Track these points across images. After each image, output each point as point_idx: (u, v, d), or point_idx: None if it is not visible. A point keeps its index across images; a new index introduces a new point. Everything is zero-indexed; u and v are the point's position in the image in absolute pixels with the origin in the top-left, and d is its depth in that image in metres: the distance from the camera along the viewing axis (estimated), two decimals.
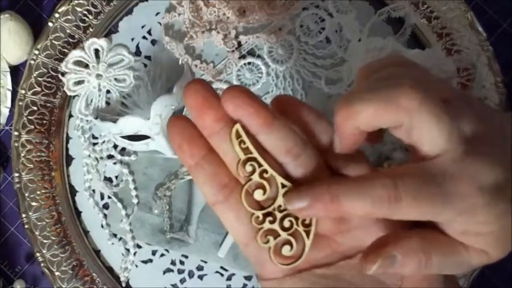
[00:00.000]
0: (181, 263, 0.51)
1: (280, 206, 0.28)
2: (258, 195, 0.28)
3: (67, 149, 0.52)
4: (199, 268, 0.51)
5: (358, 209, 0.26)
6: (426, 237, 0.27)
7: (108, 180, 0.52)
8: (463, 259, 0.27)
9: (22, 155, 0.50)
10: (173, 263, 0.51)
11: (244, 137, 0.27)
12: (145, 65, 0.52)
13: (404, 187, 0.25)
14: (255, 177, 0.28)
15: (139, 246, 0.52)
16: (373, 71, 0.29)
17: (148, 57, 0.52)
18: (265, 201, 0.28)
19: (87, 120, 0.51)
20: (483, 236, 0.27)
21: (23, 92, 0.50)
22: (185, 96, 0.27)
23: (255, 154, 0.28)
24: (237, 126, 0.27)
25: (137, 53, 0.52)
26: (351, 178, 0.27)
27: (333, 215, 0.26)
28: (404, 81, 0.26)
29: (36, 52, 0.50)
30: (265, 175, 0.28)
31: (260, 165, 0.28)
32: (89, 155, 0.51)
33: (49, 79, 0.51)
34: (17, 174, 0.50)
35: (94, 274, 0.51)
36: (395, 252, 0.27)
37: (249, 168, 0.28)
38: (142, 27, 0.52)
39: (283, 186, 0.28)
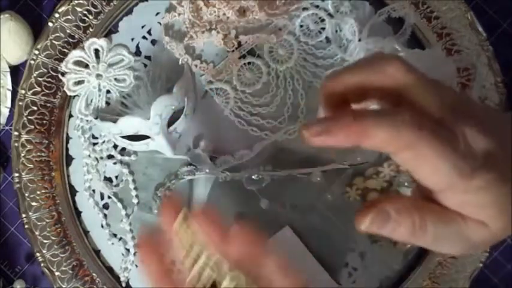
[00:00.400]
0: None
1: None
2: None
3: (67, 149, 0.52)
4: None
5: (382, 134, 0.25)
6: (421, 203, 0.27)
7: (108, 180, 0.52)
8: (460, 230, 0.27)
9: (22, 155, 0.50)
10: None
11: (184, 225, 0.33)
12: (145, 65, 0.52)
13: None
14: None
15: None
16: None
17: (148, 57, 0.52)
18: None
19: (87, 120, 0.51)
20: (482, 206, 0.26)
21: (23, 92, 0.50)
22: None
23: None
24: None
25: (137, 53, 0.52)
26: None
27: (351, 140, 0.25)
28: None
29: (36, 52, 0.50)
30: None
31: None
32: (89, 155, 0.51)
33: (49, 79, 0.51)
34: (17, 174, 0.50)
35: (94, 274, 0.51)
36: (388, 208, 0.27)
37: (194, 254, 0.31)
38: (143, 27, 0.52)
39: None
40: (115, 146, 0.51)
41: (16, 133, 0.50)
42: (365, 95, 0.28)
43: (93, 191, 0.52)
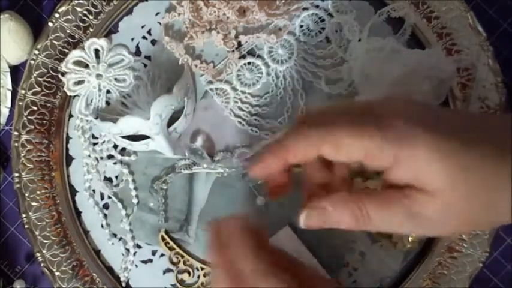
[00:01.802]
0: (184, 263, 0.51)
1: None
2: (186, 277, 0.50)
3: (67, 149, 0.52)
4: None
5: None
6: (360, 193, 0.28)
7: (108, 180, 0.52)
8: (405, 208, 0.27)
9: (22, 155, 0.50)
10: (173, 262, 0.51)
11: (168, 239, 0.50)
12: (145, 65, 0.52)
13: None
14: (181, 265, 0.50)
15: (139, 246, 0.52)
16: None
17: (148, 57, 0.52)
18: None
19: (87, 120, 0.51)
20: (427, 173, 0.27)
21: (23, 92, 0.50)
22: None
23: (178, 249, 0.50)
24: (162, 232, 0.50)
25: (137, 53, 0.52)
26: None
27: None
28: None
29: (36, 52, 0.50)
30: (187, 262, 0.50)
31: (183, 256, 0.50)
32: (89, 155, 0.51)
33: (49, 79, 0.51)
34: (17, 174, 0.50)
35: (94, 274, 0.51)
36: (324, 203, 0.28)
37: (175, 259, 0.50)
38: (143, 27, 0.52)
39: (202, 269, 0.50)
40: (115, 146, 0.51)
41: (16, 133, 0.50)
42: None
43: (93, 191, 0.52)
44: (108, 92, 0.50)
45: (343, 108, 0.30)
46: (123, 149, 0.51)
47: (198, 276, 0.51)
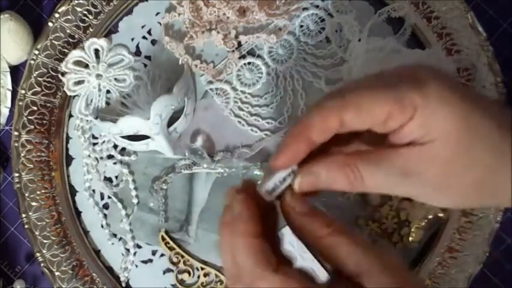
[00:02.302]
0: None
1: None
2: (186, 277, 0.50)
3: (67, 149, 0.52)
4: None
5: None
6: (352, 155, 0.28)
7: (108, 180, 0.52)
8: (395, 162, 0.27)
9: (22, 155, 0.50)
10: (173, 262, 0.51)
11: (168, 239, 0.50)
12: (145, 65, 0.52)
13: None
14: (181, 265, 0.50)
15: (139, 246, 0.52)
16: None
17: (148, 57, 0.52)
18: None
19: (87, 120, 0.51)
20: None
21: (23, 92, 0.50)
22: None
23: (178, 249, 0.50)
24: (162, 232, 0.50)
25: (137, 53, 0.52)
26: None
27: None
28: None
29: (36, 52, 0.50)
30: (187, 262, 0.50)
31: (183, 256, 0.50)
32: (89, 155, 0.51)
33: (49, 79, 0.51)
34: (17, 174, 0.50)
35: (94, 274, 0.51)
36: (317, 168, 0.28)
37: (175, 259, 0.50)
38: (143, 27, 0.52)
39: (202, 269, 0.50)
40: (115, 146, 0.51)
41: (16, 133, 0.50)
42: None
43: (93, 191, 0.52)
44: (108, 92, 0.50)
45: (356, 80, 0.30)
46: (123, 149, 0.51)
47: (198, 276, 0.51)
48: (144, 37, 0.52)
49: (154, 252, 0.52)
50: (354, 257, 0.27)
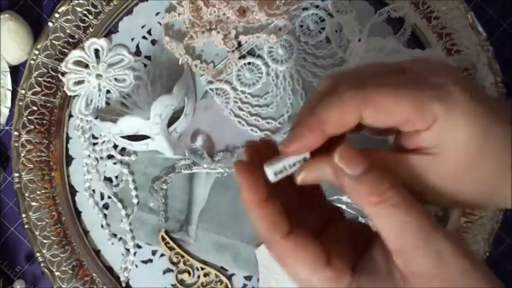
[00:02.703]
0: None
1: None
2: (186, 277, 0.51)
3: (67, 149, 0.52)
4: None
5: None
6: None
7: (108, 180, 0.52)
8: (402, 169, 0.27)
9: (22, 155, 0.50)
10: (173, 262, 0.51)
11: (168, 239, 0.50)
12: (145, 65, 0.52)
13: None
14: (181, 265, 0.50)
15: (139, 246, 0.52)
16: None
17: (148, 57, 0.52)
18: None
19: (87, 120, 0.51)
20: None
21: (23, 92, 0.50)
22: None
23: (178, 249, 0.50)
24: (162, 232, 0.50)
25: (137, 53, 0.52)
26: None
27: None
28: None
29: (36, 52, 0.50)
30: (187, 262, 0.50)
31: (183, 256, 0.50)
32: (89, 155, 0.51)
33: (49, 79, 0.51)
34: (17, 174, 0.50)
35: (94, 274, 0.51)
36: (322, 165, 0.27)
37: (175, 259, 0.50)
38: (143, 27, 0.52)
39: (202, 269, 0.50)
40: (115, 146, 0.51)
41: (16, 133, 0.50)
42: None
43: (93, 191, 0.52)
44: (108, 92, 0.50)
45: (377, 68, 0.29)
46: (123, 149, 0.51)
47: (198, 276, 0.51)
48: (144, 37, 0.52)
49: (154, 252, 0.52)
50: (397, 236, 0.25)
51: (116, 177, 0.52)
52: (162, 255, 0.52)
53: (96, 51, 0.49)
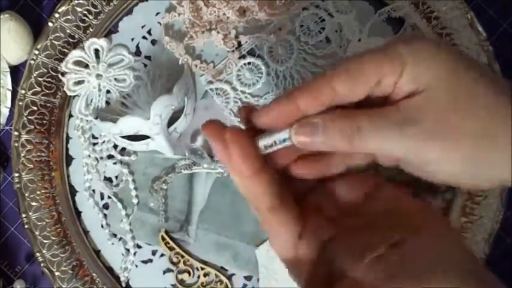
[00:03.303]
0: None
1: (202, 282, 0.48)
2: (186, 277, 0.51)
3: (67, 149, 0.52)
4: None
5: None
6: (352, 110, 0.27)
7: (108, 180, 0.52)
8: (399, 118, 0.27)
9: (22, 155, 0.50)
10: (173, 262, 0.51)
11: (168, 239, 0.50)
12: (145, 65, 0.52)
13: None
14: (181, 265, 0.50)
15: (139, 246, 0.52)
16: None
17: (148, 57, 0.52)
18: None
19: (87, 120, 0.51)
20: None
21: (23, 92, 0.50)
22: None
23: (178, 249, 0.50)
24: (162, 232, 0.50)
25: (137, 53, 0.52)
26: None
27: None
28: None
29: (36, 52, 0.50)
30: (187, 262, 0.50)
31: (183, 256, 0.50)
32: (89, 155, 0.51)
33: (49, 79, 0.51)
34: (17, 174, 0.50)
35: (94, 274, 0.51)
36: (312, 119, 0.27)
37: (175, 259, 0.51)
38: (143, 27, 0.52)
39: (202, 269, 0.50)
40: (115, 146, 0.51)
41: (16, 133, 0.50)
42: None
43: (93, 191, 0.52)
44: (108, 92, 0.50)
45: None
46: (123, 149, 0.51)
47: (198, 276, 0.51)
48: (144, 37, 0.52)
49: (154, 252, 0.52)
50: None
51: (116, 177, 0.52)
52: (162, 255, 0.52)
53: (96, 51, 0.49)
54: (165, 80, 0.50)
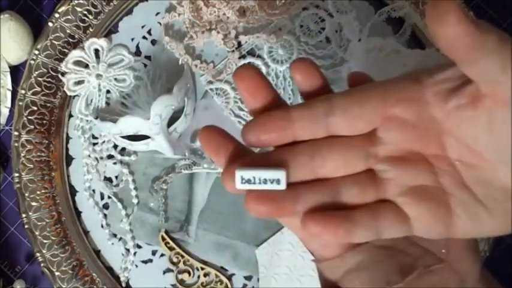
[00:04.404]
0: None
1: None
2: (186, 277, 0.51)
3: (67, 149, 0.52)
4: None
5: None
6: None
7: (108, 180, 0.52)
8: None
9: (22, 155, 0.50)
10: (173, 262, 0.51)
11: (168, 239, 0.50)
12: (145, 65, 0.52)
13: None
14: (181, 265, 0.50)
15: (139, 246, 0.52)
16: None
17: (148, 57, 0.52)
18: None
19: (87, 120, 0.51)
20: None
21: (23, 92, 0.50)
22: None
23: (178, 249, 0.50)
24: (162, 232, 0.50)
25: (137, 53, 0.52)
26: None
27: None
28: None
29: (36, 52, 0.50)
30: (187, 262, 0.50)
31: (183, 256, 0.50)
32: (89, 155, 0.51)
33: (49, 79, 0.51)
34: (17, 174, 0.50)
35: (94, 274, 0.51)
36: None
37: (175, 259, 0.50)
38: (143, 27, 0.52)
39: (202, 269, 0.50)
40: (115, 146, 0.51)
41: (16, 133, 0.50)
42: None
43: (93, 191, 0.52)
44: (108, 92, 0.50)
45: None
46: (123, 149, 0.51)
47: (198, 276, 0.51)
48: (144, 37, 0.52)
49: (154, 252, 0.52)
50: None
51: (116, 177, 0.52)
52: (162, 255, 0.52)
53: (96, 51, 0.49)
54: (165, 80, 0.50)
